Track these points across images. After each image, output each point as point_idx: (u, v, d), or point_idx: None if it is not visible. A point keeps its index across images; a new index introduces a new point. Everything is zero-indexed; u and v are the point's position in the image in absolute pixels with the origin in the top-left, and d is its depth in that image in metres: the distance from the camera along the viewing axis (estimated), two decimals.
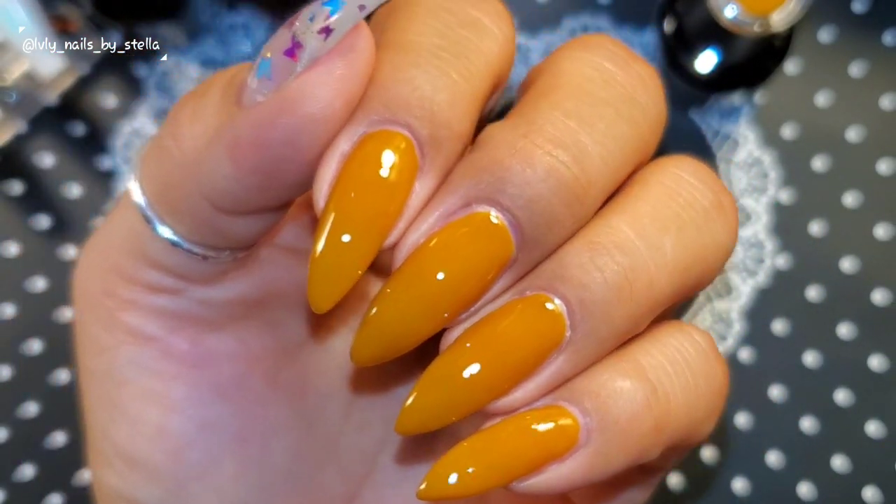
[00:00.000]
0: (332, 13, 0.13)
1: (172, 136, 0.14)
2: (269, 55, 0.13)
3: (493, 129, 0.14)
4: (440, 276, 0.13)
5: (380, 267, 0.20)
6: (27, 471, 0.36)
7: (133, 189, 0.15)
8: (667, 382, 0.14)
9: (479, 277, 0.14)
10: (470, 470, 0.14)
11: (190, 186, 0.14)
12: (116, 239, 0.16)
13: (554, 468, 0.14)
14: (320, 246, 0.13)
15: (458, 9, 0.14)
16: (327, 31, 0.13)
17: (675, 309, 0.17)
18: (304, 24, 0.13)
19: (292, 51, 0.13)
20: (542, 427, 0.14)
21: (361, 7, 0.13)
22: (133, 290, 0.16)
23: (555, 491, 0.14)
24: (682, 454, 0.17)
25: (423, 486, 0.14)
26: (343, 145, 0.13)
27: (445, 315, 0.14)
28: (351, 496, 0.19)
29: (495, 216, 0.13)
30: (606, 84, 0.14)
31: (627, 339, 0.15)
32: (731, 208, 0.15)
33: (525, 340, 0.14)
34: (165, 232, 0.15)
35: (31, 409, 0.37)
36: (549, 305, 0.14)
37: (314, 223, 0.18)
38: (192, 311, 0.16)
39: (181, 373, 0.16)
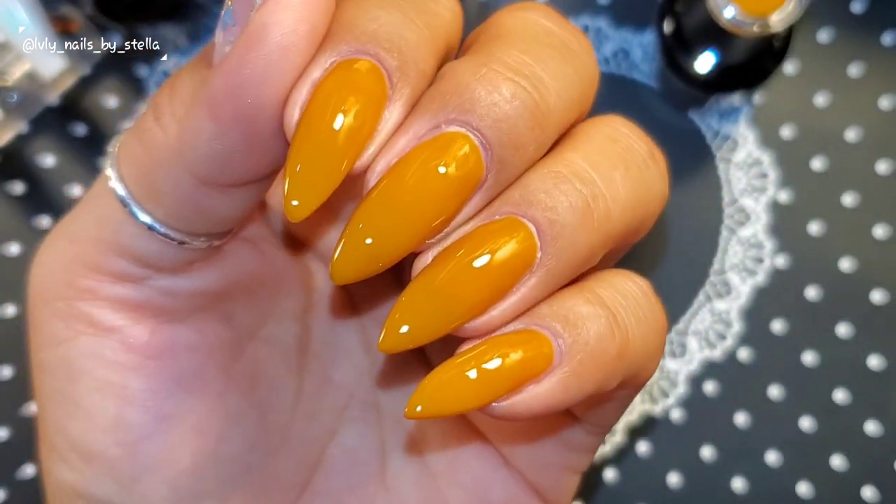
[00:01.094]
0: None
1: (154, 119, 0.15)
2: (230, 3, 0.14)
3: (453, 64, 0.15)
4: (415, 192, 0.14)
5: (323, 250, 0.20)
6: (28, 470, 0.36)
7: (110, 175, 0.15)
8: (623, 312, 0.15)
9: (452, 195, 0.14)
10: (455, 386, 0.14)
11: (174, 162, 0.14)
12: (86, 227, 0.16)
13: (531, 388, 0.14)
14: (297, 166, 0.13)
15: None
16: None
17: (616, 259, 0.18)
18: None
19: None
20: (519, 347, 0.14)
21: None
22: (96, 279, 0.16)
23: (533, 412, 0.14)
24: (630, 398, 0.18)
25: (407, 409, 0.14)
26: (315, 72, 0.14)
27: (420, 233, 0.14)
28: (303, 484, 0.19)
29: (465, 135, 0.14)
30: (547, 34, 0.15)
31: (580, 276, 0.15)
32: (662, 160, 0.16)
33: (501, 260, 0.14)
34: (144, 217, 0.15)
35: (32, 408, 0.37)
36: (522, 229, 0.14)
37: (270, 217, 0.18)
38: (154, 300, 0.16)
39: (140, 364, 0.16)
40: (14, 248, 0.39)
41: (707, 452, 0.36)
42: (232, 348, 0.18)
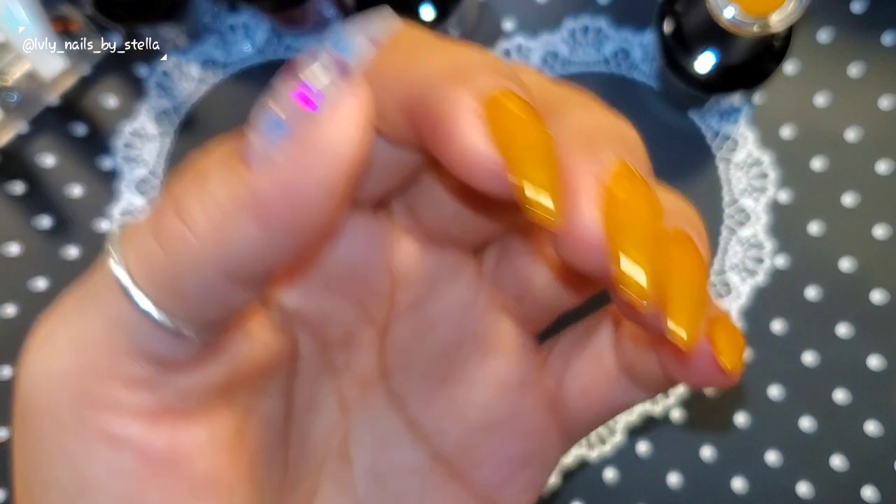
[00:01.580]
0: (343, 53, 0.13)
1: (176, 216, 0.14)
2: (276, 109, 0.13)
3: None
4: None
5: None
6: None
7: (121, 277, 0.14)
8: None
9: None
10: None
11: (206, 262, 0.14)
12: (94, 331, 0.15)
13: None
14: (549, 203, 0.13)
15: None
16: (344, 71, 0.13)
17: None
18: (318, 69, 0.13)
19: (306, 98, 0.13)
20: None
21: (374, 41, 0.13)
22: (109, 387, 0.15)
23: None
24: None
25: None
26: (472, 107, 0.13)
27: None
28: None
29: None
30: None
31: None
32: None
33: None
34: (163, 318, 0.14)
35: None
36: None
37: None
38: (169, 402, 0.16)
39: (158, 473, 0.16)
40: (14, 248, 0.39)
41: (707, 452, 0.36)
42: (236, 435, 0.18)
